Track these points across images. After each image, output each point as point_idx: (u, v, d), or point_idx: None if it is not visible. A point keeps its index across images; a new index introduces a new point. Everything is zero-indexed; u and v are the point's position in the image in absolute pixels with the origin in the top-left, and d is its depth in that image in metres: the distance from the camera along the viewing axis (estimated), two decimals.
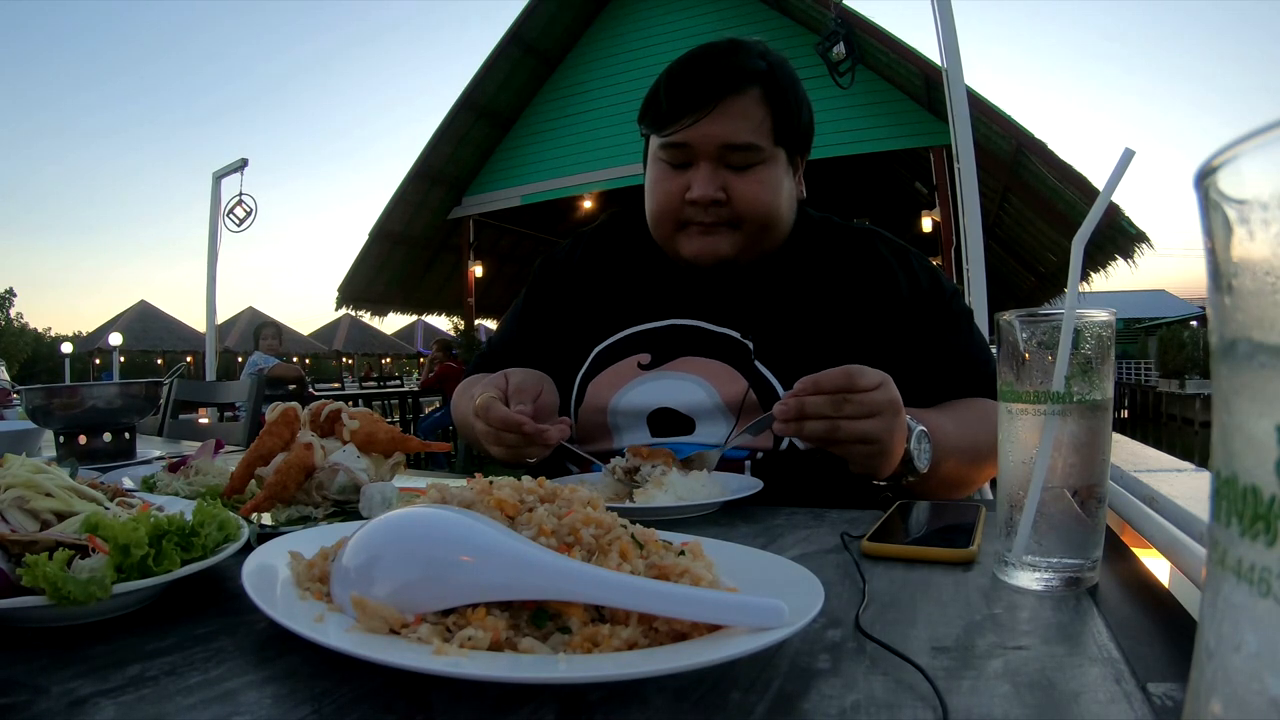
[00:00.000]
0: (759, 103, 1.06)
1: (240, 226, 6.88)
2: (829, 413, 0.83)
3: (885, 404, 0.85)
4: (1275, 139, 0.18)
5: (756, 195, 1.07)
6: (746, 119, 1.05)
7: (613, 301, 1.19)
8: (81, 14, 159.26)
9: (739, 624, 0.42)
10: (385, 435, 0.85)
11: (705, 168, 1.06)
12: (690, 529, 0.69)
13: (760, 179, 1.07)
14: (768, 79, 1.07)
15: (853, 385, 0.84)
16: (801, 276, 1.14)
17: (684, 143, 1.06)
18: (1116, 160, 0.57)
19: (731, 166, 1.06)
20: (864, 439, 0.84)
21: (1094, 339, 0.58)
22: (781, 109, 1.08)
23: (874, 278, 1.13)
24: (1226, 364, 0.20)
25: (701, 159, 1.06)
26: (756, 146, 1.06)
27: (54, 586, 0.46)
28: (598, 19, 9.85)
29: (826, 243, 1.17)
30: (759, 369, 1.08)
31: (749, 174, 1.07)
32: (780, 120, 1.07)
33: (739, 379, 1.08)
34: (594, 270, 1.24)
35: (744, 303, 1.13)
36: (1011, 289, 12.28)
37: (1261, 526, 0.18)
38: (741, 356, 1.10)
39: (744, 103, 1.05)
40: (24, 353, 32.62)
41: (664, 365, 1.12)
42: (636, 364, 1.13)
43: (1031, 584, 0.57)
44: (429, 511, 0.49)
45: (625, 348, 1.15)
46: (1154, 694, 0.39)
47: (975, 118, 4.29)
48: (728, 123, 1.05)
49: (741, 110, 1.05)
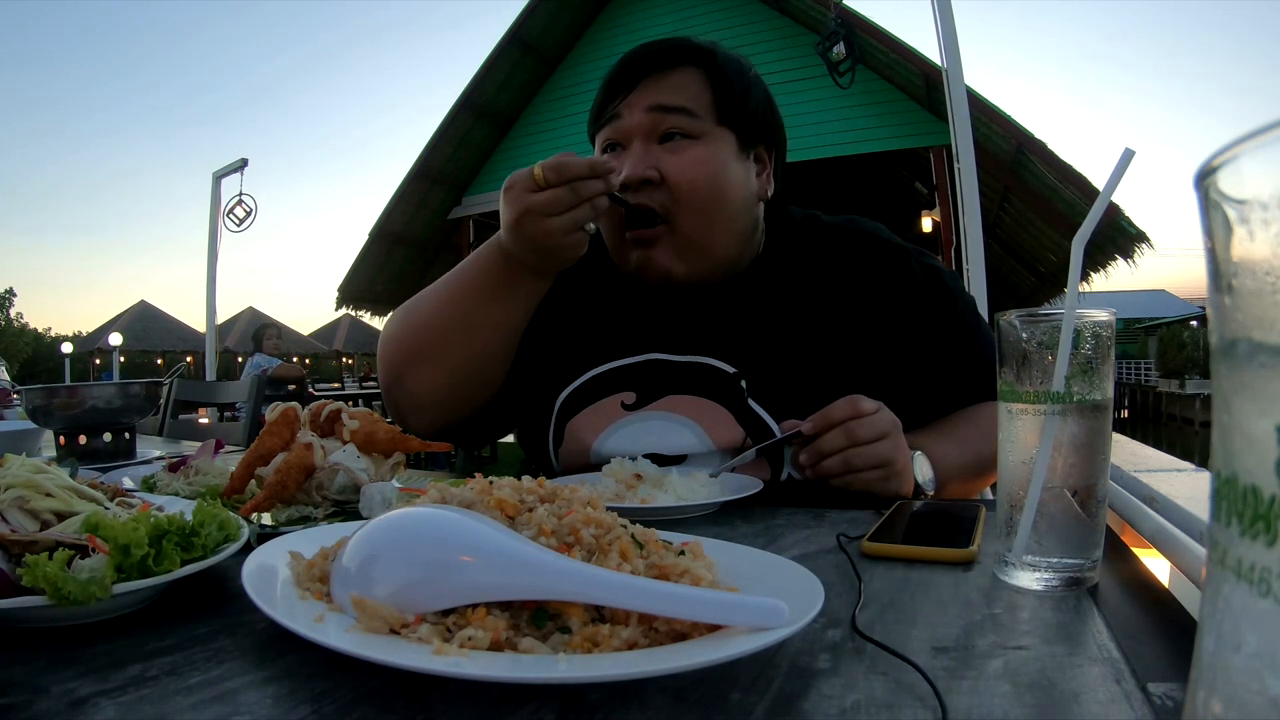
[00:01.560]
0: (696, 79, 1.00)
1: (240, 226, 6.88)
2: (842, 445, 0.84)
3: (890, 424, 0.86)
4: (1275, 139, 0.18)
5: (692, 172, 0.95)
6: (680, 89, 0.98)
7: (587, 332, 1.08)
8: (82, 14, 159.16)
9: (739, 624, 0.42)
10: (385, 435, 0.85)
11: (636, 146, 0.98)
12: (690, 529, 0.69)
13: (696, 156, 0.96)
14: (708, 59, 1.01)
15: (859, 413, 0.85)
16: (787, 292, 1.05)
17: (615, 115, 0.99)
18: (1116, 160, 0.57)
19: (667, 141, 0.98)
20: (879, 463, 0.84)
21: (1094, 339, 0.58)
22: (724, 87, 1.00)
23: (869, 288, 1.04)
24: (1226, 364, 0.20)
25: (634, 136, 0.98)
26: (690, 111, 0.97)
27: (54, 586, 0.46)
28: (598, 19, 9.85)
29: (813, 248, 1.08)
30: (752, 407, 1.00)
31: (683, 151, 0.96)
32: (722, 98, 0.99)
33: (732, 423, 1.00)
34: (568, 296, 1.10)
35: (727, 329, 1.03)
36: (1011, 289, 12.27)
37: (1261, 526, 0.18)
38: (730, 391, 1.01)
39: (678, 76, 0.99)
40: (24, 353, 32.61)
41: (649, 405, 1.02)
42: (620, 404, 1.03)
43: (1031, 584, 0.57)
44: (429, 511, 0.49)
45: (604, 385, 1.05)
46: (1154, 694, 0.39)
47: (975, 118, 4.29)
48: (658, 91, 0.98)
49: (675, 82, 0.99)
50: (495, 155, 10.61)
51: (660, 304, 1.07)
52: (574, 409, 1.05)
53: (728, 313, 1.05)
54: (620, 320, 1.08)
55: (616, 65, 1.03)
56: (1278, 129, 0.17)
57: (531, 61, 9.90)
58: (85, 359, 20.31)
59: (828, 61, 6.46)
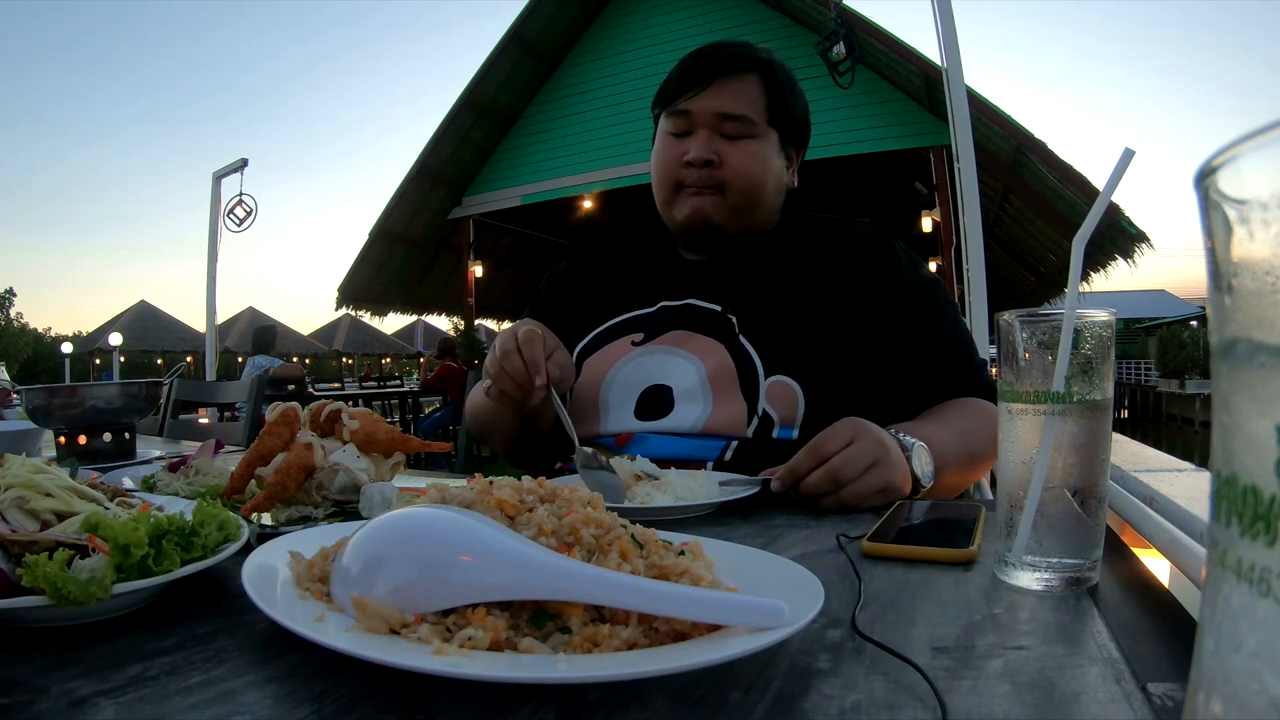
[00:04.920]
0: (756, 86, 1.19)
1: (240, 226, 6.89)
2: (829, 489, 0.84)
3: (873, 448, 0.85)
4: (1275, 139, 0.18)
5: (745, 162, 1.17)
6: (742, 96, 1.18)
7: (610, 293, 1.29)
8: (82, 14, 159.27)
9: (739, 624, 0.42)
10: (385, 435, 0.85)
11: (702, 134, 1.18)
12: (690, 529, 0.69)
13: (751, 150, 1.18)
14: (766, 69, 1.20)
15: (824, 453, 0.84)
16: (787, 261, 1.21)
17: (685, 110, 1.18)
18: (1116, 160, 0.57)
19: (726, 136, 1.17)
20: (875, 492, 0.84)
21: (1094, 339, 0.58)
22: (776, 95, 1.19)
23: (856, 262, 1.19)
24: (1226, 364, 0.20)
25: (699, 126, 1.18)
26: (749, 119, 1.17)
27: (54, 586, 0.46)
28: (598, 19, 9.84)
29: (813, 233, 1.25)
30: (742, 343, 1.14)
31: (740, 144, 1.18)
32: (775, 104, 1.19)
33: (724, 354, 1.14)
34: (598, 267, 1.36)
35: (730, 283, 1.20)
36: (1011, 289, 12.28)
37: (1261, 526, 0.18)
38: (723, 327, 1.16)
39: (742, 83, 1.18)
40: (24, 353, 32.60)
41: (655, 340, 1.19)
42: (630, 342, 1.20)
43: (1031, 584, 0.57)
44: (429, 511, 0.49)
45: (619, 331, 1.23)
46: (1154, 694, 0.39)
47: (975, 118, 4.29)
48: (725, 97, 1.17)
49: (738, 89, 1.18)
50: (495, 155, 10.61)
51: (675, 264, 1.27)
52: (592, 350, 1.23)
53: (734, 269, 1.22)
54: (636, 281, 1.29)
55: (690, 61, 1.21)
56: (1278, 129, 0.17)
57: (531, 61, 9.90)
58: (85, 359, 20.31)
59: (828, 61, 6.46)
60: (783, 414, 1.08)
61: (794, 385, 1.09)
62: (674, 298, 1.22)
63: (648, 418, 1.13)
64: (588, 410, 1.18)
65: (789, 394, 1.09)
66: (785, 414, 1.08)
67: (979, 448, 1.04)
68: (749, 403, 1.09)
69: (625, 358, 1.18)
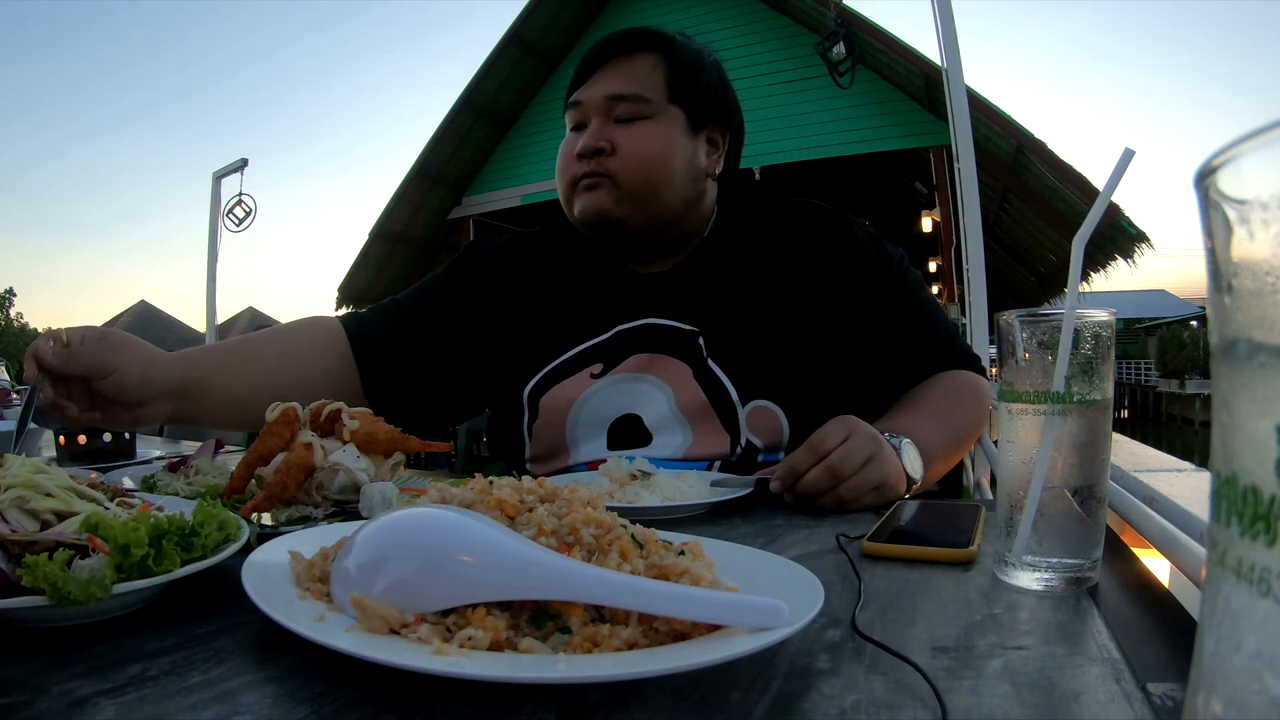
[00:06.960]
0: (651, 62, 1.10)
1: (240, 226, 6.88)
2: (828, 485, 0.84)
3: (868, 442, 0.86)
4: (1275, 139, 0.18)
5: (637, 144, 1.07)
6: (634, 75, 1.09)
7: (555, 318, 1.15)
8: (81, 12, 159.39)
9: (739, 624, 0.42)
10: (385, 435, 0.85)
11: (594, 123, 1.09)
12: (690, 529, 0.69)
13: (645, 130, 1.08)
14: (666, 45, 1.12)
15: (822, 450, 0.84)
16: (741, 262, 1.13)
17: (577, 101, 1.11)
18: (1116, 160, 0.57)
19: (620, 120, 1.09)
20: (871, 488, 0.85)
21: (1094, 339, 0.58)
22: (678, 70, 1.10)
23: (817, 253, 1.12)
24: (1226, 364, 0.20)
25: (592, 115, 1.09)
26: (641, 97, 1.08)
27: (54, 586, 0.46)
28: (598, 19, 9.84)
29: (766, 223, 1.16)
30: (711, 368, 1.06)
31: (634, 126, 1.08)
32: (676, 80, 1.10)
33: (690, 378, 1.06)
34: (532, 281, 1.19)
35: (690, 295, 1.11)
36: (1011, 289, 12.28)
37: (1261, 526, 0.18)
38: (689, 348, 1.08)
39: (634, 63, 1.10)
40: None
41: (615, 370, 1.09)
42: (589, 374, 1.09)
43: (1031, 584, 0.57)
44: (429, 511, 0.49)
45: (574, 365, 1.11)
46: (1154, 694, 0.39)
47: (975, 118, 4.29)
48: (615, 78, 1.10)
49: (630, 68, 1.10)
50: (495, 155, 10.61)
51: (624, 281, 1.15)
52: (546, 388, 1.11)
53: (685, 282, 1.13)
54: (585, 305, 1.15)
55: (584, 54, 1.14)
56: (1278, 129, 0.17)
57: (531, 61, 9.90)
58: None
59: (828, 61, 6.46)
60: (767, 441, 1.04)
61: (775, 409, 1.04)
62: (629, 319, 1.11)
63: (622, 448, 1.06)
64: (555, 447, 1.10)
65: (771, 420, 1.04)
66: (770, 441, 1.04)
67: (962, 428, 1.04)
68: (731, 434, 1.05)
69: (587, 391, 1.08)
